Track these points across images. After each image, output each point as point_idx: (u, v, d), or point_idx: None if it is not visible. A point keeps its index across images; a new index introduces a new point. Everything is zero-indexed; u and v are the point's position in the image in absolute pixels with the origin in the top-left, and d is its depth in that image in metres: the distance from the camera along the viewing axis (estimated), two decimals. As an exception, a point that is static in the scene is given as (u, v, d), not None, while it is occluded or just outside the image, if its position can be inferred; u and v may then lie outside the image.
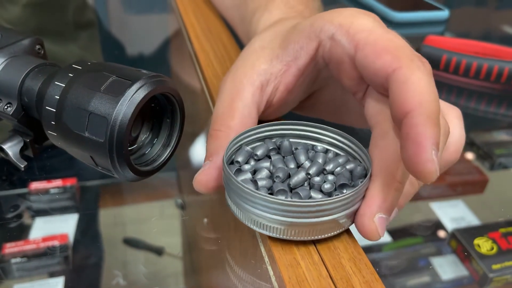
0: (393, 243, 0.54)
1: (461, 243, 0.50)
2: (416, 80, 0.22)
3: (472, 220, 0.56)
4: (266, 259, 0.25)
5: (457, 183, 0.60)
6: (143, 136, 0.28)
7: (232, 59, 0.43)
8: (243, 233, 0.26)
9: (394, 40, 0.24)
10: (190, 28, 0.49)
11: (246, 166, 0.27)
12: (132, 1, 1.00)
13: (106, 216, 0.56)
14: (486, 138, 0.65)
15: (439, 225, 0.56)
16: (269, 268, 0.24)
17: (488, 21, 0.92)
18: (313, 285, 0.22)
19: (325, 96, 0.32)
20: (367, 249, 0.52)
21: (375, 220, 0.23)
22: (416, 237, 0.56)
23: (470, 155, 0.64)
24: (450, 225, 0.55)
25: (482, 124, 0.64)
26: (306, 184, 0.26)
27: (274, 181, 0.25)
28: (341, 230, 0.25)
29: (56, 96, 0.25)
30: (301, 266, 0.23)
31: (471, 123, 0.61)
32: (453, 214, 0.57)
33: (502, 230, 0.51)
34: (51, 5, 0.56)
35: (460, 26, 0.85)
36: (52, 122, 0.25)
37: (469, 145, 0.61)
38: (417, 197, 0.60)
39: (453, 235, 0.52)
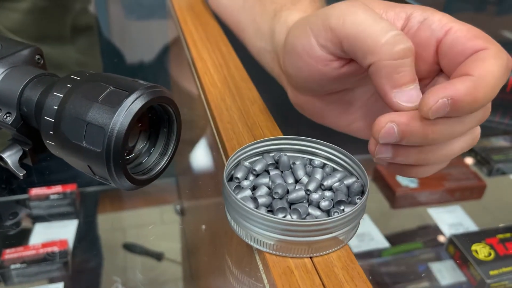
0: (392, 248, 0.54)
1: (459, 248, 0.50)
2: (493, 63, 0.23)
3: (470, 225, 0.56)
4: (261, 267, 0.25)
5: (455, 188, 0.60)
6: (140, 145, 0.28)
7: (229, 67, 0.43)
8: (239, 241, 0.26)
9: (484, 33, 0.25)
10: (188, 36, 0.49)
11: (246, 182, 0.27)
12: (132, 7, 1.00)
13: (106, 221, 0.56)
14: (484, 144, 0.65)
15: (437, 231, 0.56)
16: (263, 276, 0.25)
17: (487, 27, 0.92)
18: (306, 293, 0.22)
19: (351, 95, 0.32)
20: (366, 255, 0.53)
21: (440, 100, 0.23)
22: (414, 243, 0.56)
23: (468, 161, 0.64)
24: (448, 231, 0.55)
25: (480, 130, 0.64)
26: (304, 200, 0.26)
27: (273, 198, 0.26)
28: (338, 247, 0.25)
29: (54, 107, 0.26)
30: (295, 275, 0.23)
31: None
32: (451, 219, 0.57)
33: (500, 236, 0.51)
34: (52, 11, 0.56)
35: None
36: (51, 132, 0.26)
37: (467, 151, 0.61)
38: (415, 203, 0.60)
39: (451, 240, 0.52)
